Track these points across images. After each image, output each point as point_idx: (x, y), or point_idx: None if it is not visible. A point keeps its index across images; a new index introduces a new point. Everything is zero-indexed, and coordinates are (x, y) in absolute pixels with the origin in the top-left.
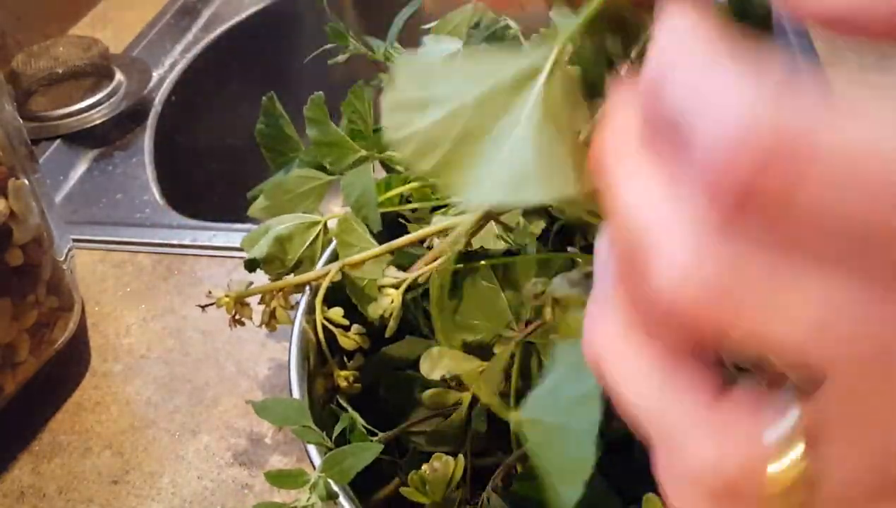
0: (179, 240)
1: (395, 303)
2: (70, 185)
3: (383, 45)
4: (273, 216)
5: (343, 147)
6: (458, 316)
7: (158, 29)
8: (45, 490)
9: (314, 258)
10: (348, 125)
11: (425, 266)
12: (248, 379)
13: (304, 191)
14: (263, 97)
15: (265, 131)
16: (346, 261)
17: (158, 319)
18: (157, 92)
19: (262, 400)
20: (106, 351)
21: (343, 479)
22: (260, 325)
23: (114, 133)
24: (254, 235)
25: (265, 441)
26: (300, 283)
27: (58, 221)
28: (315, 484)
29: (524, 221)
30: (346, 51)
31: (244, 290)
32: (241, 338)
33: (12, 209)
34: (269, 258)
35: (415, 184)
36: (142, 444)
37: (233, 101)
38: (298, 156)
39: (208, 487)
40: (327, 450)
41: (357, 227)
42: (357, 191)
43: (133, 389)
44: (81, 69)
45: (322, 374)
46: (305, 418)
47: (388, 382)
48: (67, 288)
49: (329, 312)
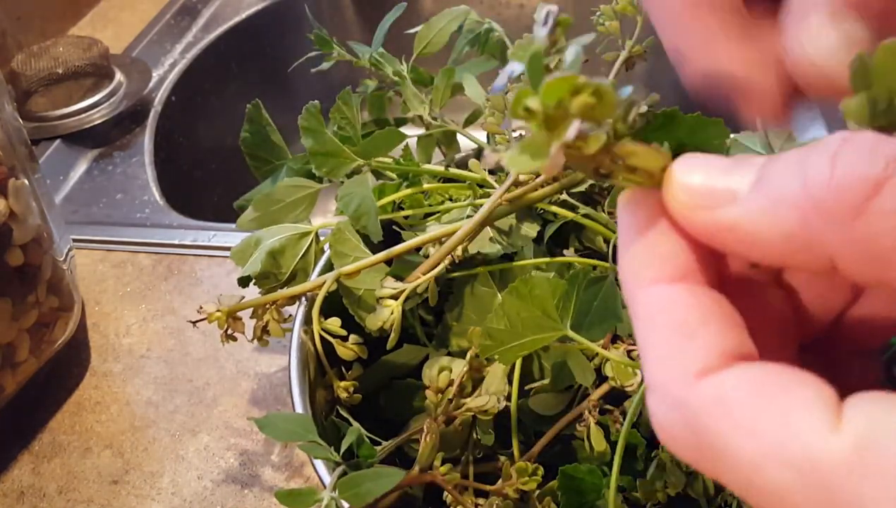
0: (179, 240)
1: (394, 315)
2: (70, 185)
3: (369, 51)
4: (263, 227)
5: (339, 156)
6: (458, 322)
7: (158, 29)
8: (45, 490)
9: (308, 269)
10: (338, 132)
11: (423, 275)
12: (248, 379)
13: (295, 201)
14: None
15: (250, 140)
16: (341, 271)
17: (158, 319)
18: (157, 92)
19: (265, 416)
20: (106, 351)
21: (359, 503)
22: (252, 340)
23: (114, 133)
24: (244, 247)
25: (265, 441)
26: (295, 295)
27: (58, 221)
28: (328, 506)
29: (518, 225)
30: (330, 58)
31: (236, 304)
32: (241, 338)
33: (12, 209)
34: (262, 274)
35: (408, 191)
36: (142, 444)
37: (233, 101)
38: (287, 164)
39: (208, 487)
40: (335, 465)
41: (351, 237)
42: (356, 201)
43: (133, 389)
44: (81, 69)
45: (322, 385)
46: (311, 432)
47: (388, 391)
48: (67, 288)
49: (326, 323)
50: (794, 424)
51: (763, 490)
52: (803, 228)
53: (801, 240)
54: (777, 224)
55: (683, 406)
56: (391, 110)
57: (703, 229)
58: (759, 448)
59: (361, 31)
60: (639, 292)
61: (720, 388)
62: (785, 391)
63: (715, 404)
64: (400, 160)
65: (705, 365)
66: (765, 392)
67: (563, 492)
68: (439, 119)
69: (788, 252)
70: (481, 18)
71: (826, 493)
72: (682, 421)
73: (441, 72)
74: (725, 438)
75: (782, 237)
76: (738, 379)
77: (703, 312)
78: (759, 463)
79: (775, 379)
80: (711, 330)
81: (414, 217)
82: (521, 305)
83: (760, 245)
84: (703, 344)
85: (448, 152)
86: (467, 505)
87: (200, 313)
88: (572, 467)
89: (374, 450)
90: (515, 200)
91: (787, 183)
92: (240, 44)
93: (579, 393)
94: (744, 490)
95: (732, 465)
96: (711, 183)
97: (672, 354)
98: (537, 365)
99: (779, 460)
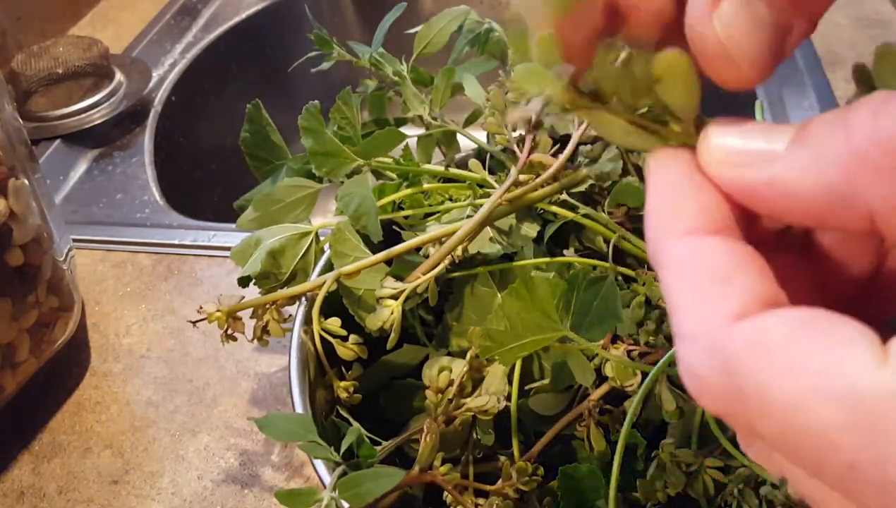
0: (179, 240)
1: (395, 315)
2: (70, 185)
3: (369, 51)
4: (263, 227)
5: (339, 156)
6: (458, 322)
7: (158, 29)
8: (45, 490)
9: (308, 269)
10: (338, 132)
11: (423, 275)
12: (248, 378)
13: (295, 201)
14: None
15: (250, 140)
16: (341, 271)
17: (158, 319)
18: (157, 92)
19: (265, 416)
20: (106, 351)
21: (359, 503)
22: (252, 340)
23: (114, 133)
24: (244, 247)
25: (265, 441)
26: (295, 295)
27: (58, 221)
28: (328, 506)
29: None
30: (330, 58)
31: (236, 304)
32: (241, 338)
33: (12, 209)
34: (262, 274)
35: (408, 191)
36: (142, 444)
37: (233, 101)
38: (286, 164)
39: (208, 487)
40: (335, 465)
41: (350, 237)
42: (356, 201)
43: (133, 389)
44: (81, 69)
45: (322, 385)
46: (311, 432)
47: (388, 391)
48: (67, 288)
49: (326, 323)
50: (838, 360)
51: (802, 431)
52: (845, 182)
53: (842, 195)
54: (818, 178)
55: (719, 350)
56: (391, 110)
57: (741, 186)
58: (800, 386)
59: (361, 31)
60: (670, 243)
61: (760, 329)
62: (827, 330)
63: (754, 345)
64: (400, 160)
65: (743, 308)
66: (806, 331)
67: (563, 492)
68: (439, 119)
69: (828, 207)
70: (481, 18)
71: (871, 427)
72: (718, 366)
73: (441, 72)
74: (764, 378)
75: (824, 191)
76: (778, 320)
77: (738, 260)
78: (800, 401)
79: (817, 319)
80: (748, 276)
81: (414, 217)
82: (520, 306)
83: (800, 201)
84: (739, 288)
85: (448, 152)
86: (467, 505)
87: (200, 313)
88: (572, 467)
89: (374, 450)
90: (515, 200)
91: (828, 138)
92: (240, 44)
93: (579, 393)
94: (780, 436)
95: (770, 408)
96: (749, 142)
97: (707, 299)
98: (537, 365)
99: (822, 396)
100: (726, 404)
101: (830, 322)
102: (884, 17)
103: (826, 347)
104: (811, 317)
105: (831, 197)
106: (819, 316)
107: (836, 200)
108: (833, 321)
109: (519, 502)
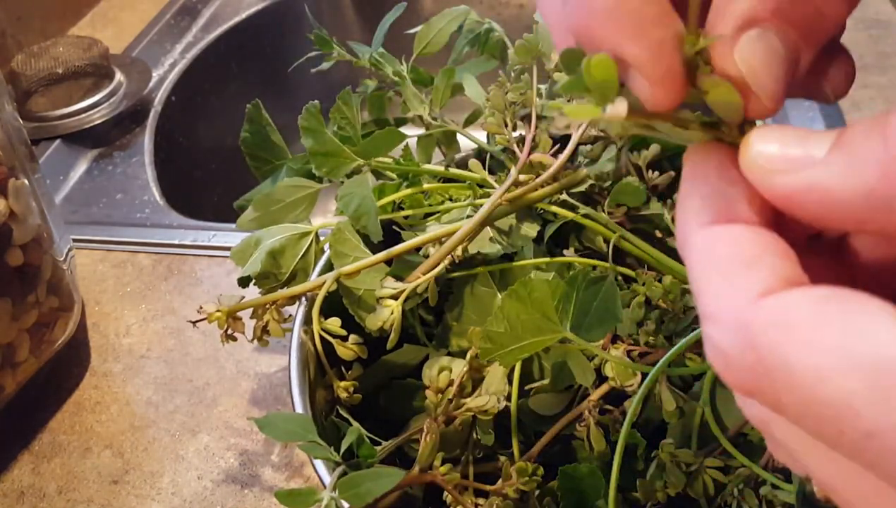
0: (179, 240)
1: (395, 315)
2: (70, 185)
3: (369, 51)
4: (263, 227)
5: (339, 156)
6: (458, 322)
7: (158, 29)
8: (45, 490)
9: (308, 269)
10: (338, 132)
11: (423, 275)
12: (248, 378)
13: (295, 201)
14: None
15: (250, 140)
16: (341, 271)
17: (158, 319)
18: (157, 92)
19: (265, 416)
20: (106, 351)
21: (359, 503)
22: (252, 340)
23: (114, 133)
24: (244, 247)
25: (265, 441)
26: (295, 295)
27: (58, 221)
28: (328, 506)
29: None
30: (330, 58)
31: (236, 304)
32: (241, 338)
33: (12, 209)
34: (262, 274)
35: (408, 191)
36: (142, 444)
37: (233, 101)
38: (287, 164)
39: (208, 487)
40: (335, 465)
41: (350, 237)
42: (356, 201)
43: (133, 389)
44: (81, 69)
45: (322, 385)
46: (311, 432)
47: (388, 391)
48: (67, 288)
49: (326, 323)
50: (860, 331)
51: (826, 403)
52: (884, 186)
53: (882, 198)
54: (857, 182)
55: (744, 327)
56: (391, 110)
57: (781, 192)
58: (824, 357)
59: (361, 31)
60: (699, 230)
61: (783, 305)
62: (849, 304)
63: (778, 320)
64: (400, 160)
65: (768, 286)
66: (829, 305)
67: (563, 492)
68: (439, 119)
69: (867, 211)
70: (481, 18)
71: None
72: (743, 342)
73: (441, 72)
74: (789, 352)
75: (863, 195)
76: (801, 296)
77: (763, 245)
78: (824, 373)
79: (839, 295)
80: (772, 259)
81: (414, 217)
82: (520, 308)
83: (839, 205)
84: (765, 269)
85: (448, 152)
86: (467, 505)
87: (200, 313)
88: (572, 467)
89: (374, 450)
90: (515, 200)
91: (866, 143)
92: (240, 44)
93: (579, 393)
94: (804, 407)
95: (794, 380)
96: (788, 149)
97: (732, 280)
98: (537, 365)
99: (846, 366)
100: (752, 378)
101: (852, 296)
102: (884, 18)
103: (848, 319)
104: (833, 293)
105: (870, 200)
106: (841, 292)
107: (875, 204)
108: (855, 296)
109: (519, 502)
